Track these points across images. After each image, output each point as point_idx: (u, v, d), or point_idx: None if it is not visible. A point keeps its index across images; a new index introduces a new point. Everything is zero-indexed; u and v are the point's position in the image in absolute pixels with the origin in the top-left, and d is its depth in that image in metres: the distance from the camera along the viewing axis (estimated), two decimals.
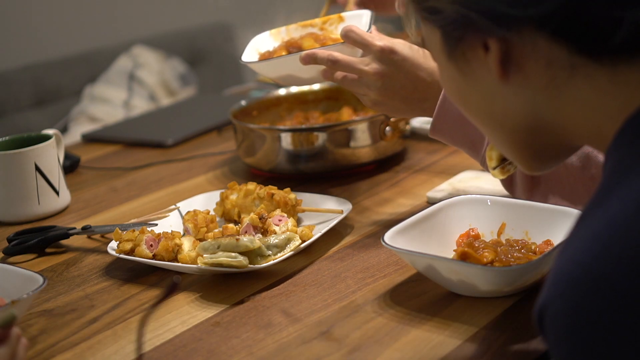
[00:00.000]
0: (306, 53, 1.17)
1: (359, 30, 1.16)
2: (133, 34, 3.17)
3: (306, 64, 1.17)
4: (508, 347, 0.89)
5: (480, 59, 0.72)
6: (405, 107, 1.17)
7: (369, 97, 1.17)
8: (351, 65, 1.15)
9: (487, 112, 0.76)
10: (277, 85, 1.51)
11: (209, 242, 1.10)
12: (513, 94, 0.72)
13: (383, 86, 1.14)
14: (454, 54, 0.75)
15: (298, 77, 1.22)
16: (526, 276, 0.96)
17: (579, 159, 1.11)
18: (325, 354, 0.91)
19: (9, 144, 1.41)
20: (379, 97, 1.15)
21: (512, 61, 0.70)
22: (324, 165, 1.42)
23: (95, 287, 1.13)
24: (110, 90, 2.89)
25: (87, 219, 1.37)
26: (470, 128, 1.15)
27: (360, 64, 1.15)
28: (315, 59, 1.16)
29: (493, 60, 0.71)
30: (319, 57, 1.16)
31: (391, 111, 1.18)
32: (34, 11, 3.03)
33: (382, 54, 1.14)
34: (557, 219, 1.05)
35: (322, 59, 1.16)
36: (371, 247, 1.16)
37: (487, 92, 0.74)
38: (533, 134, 0.75)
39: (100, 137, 1.87)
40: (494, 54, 0.70)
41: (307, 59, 1.17)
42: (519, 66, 0.70)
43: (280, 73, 1.23)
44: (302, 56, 1.17)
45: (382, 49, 1.13)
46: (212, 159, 1.63)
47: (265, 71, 1.26)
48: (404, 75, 1.14)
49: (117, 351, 0.96)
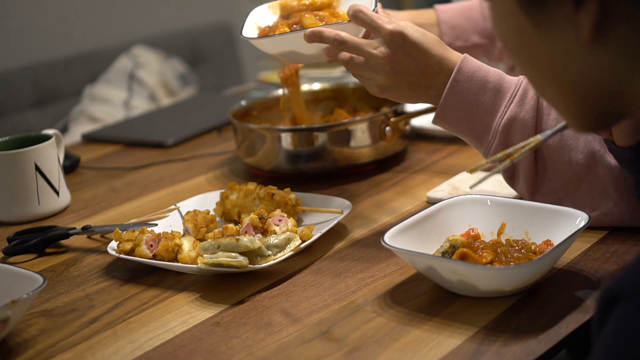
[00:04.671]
0: (311, 31, 1.14)
1: (368, 11, 1.14)
2: (133, 34, 3.17)
3: (311, 42, 1.15)
4: (508, 347, 0.89)
5: (566, 16, 0.66)
6: (411, 93, 1.15)
7: (375, 82, 1.14)
8: (359, 47, 1.13)
9: (556, 71, 0.71)
10: (282, 85, 1.49)
11: (209, 242, 1.10)
12: (595, 58, 0.67)
13: (391, 70, 1.12)
14: (532, 5, 0.68)
15: (300, 54, 1.19)
16: (526, 276, 0.96)
17: (584, 158, 1.10)
18: (325, 354, 0.91)
19: (9, 144, 1.41)
20: (386, 81, 1.13)
21: (605, 25, 0.65)
22: (324, 165, 1.42)
23: (95, 287, 1.13)
24: (110, 90, 2.89)
25: (87, 219, 1.37)
26: (476, 120, 1.14)
27: (369, 47, 1.12)
28: (321, 37, 1.14)
29: (586, 20, 0.65)
30: (325, 36, 1.14)
31: (396, 97, 1.16)
32: (34, 11, 3.03)
33: (392, 37, 1.11)
34: (557, 219, 1.05)
35: (329, 39, 1.14)
36: (371, 247, 1.16)
37: (563, 51, 0.68)
38: (602, 100, 0.70)
39: (100, 137, 1.87)
40: (590, 14, 0.64)
41: (313, 37, 1.14)
42: (611, 30, 0.65)
43: (282, 49, 1.20)
44: (307, 34, 1.14)
45: (392, 33, 1.11)
46: (212, 159, 1.63)
47: (267, 47, 1.22)
48: (412, 61, 1.12)
49: (117, 351, 0.96)
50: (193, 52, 3.24)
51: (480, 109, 1.13)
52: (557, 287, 1.01)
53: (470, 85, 1.13)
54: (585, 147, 1.10)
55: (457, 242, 1.04)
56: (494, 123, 1.13)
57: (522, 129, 1.11)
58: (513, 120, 1.12)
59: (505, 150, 1.07)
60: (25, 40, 3.00)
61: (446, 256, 1.02)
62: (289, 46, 1.18)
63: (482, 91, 1.13)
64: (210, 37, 3.31)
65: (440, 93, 1.14)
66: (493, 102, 1.13)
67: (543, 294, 0.99)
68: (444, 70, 1.13)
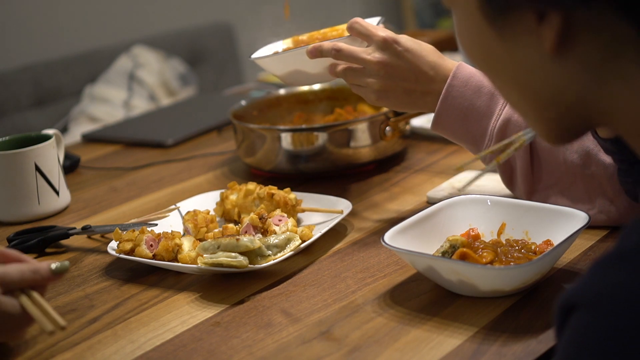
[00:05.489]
0: (313, 46, 1.19)
1: (363, 22, 1.19)
2: (133, 34, 3.17)
3: (313, 57, 1.19)
4: (508, 347, 0.89)
5: (529, 28, 0.65)
6: (408, 100, 1.17)
7: (371, 88, 1.17)
8: (354, 54, 1.17)
9: (521, 82, 0.70)
10: (282, 84, 1.51)
11: (209, 242, 1.10)
12: (559, 69, 0.66)
13: (385, 75, 1.15)
14: (495, 16, 0.67)
15: (305, 73, 1.24)
16: (526, 276, 0.96)
17: (579, 157, 1.12)
18: (325, 354, 0.91)
19: (9, 144, 1.41)
20: (381, 87, 1.16)
21: (569, 36, 0.64)
22: (324, 165, 1.42)
23: (95, 287, 1.13)
24: (110, 90, 2.89)
25: (87, 219, 1.37)
26: (473, 124, 1.16)
27: (363, 53, 1.17)
28: (321, 51, 1.19)
29: (549, 32, 0.64)
30: (324, 48, 1.18)
31: (394, 104, 1.19)
32: (33, 11, 3.03)
33: (385, 43, 1.15)
34: (557, 219, 1.05)
35: (327, 50, 1.18)
36: (371, 247, 1.16)
37: (527, 63, 0.68)
38: (567, 111, 0.69)
39: (100, 137, 1.87)
40: (553, 26, 0.64)
41: (314, 52, 1.19)
42: (575, 42, 0.64)
43: (288, 69, 1.24)
44: (308, 49, 1.19)
45: (384, 39, 1.15)
46: (212, 159, 1.63)
47: (273, 68, 1.27)
48: (406, 66, 1.15)
49: (117, 351, 0.96)
50: (193, 52, 3.24)
51: (476, 113, 1.15)
52: (557, 287, 1.01)
53: (466, 90, 1.14)
54: (580, 146, 1.12)
55: (457, 242, 1.04)
56: (490, 126, 1.15)
57: (517, 130, 1.13)
58: (508, 122, 1.13)
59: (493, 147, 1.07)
60: (25, 40, 3.00)
61: (446, 256, 1.02)
62: (294, 64, 1.23)
63: (477, 95, 1.14)
64: (210, 37, 3.31)
65: (436, 99, 1.16)
66: (488, 105, 1.15)
67: (543, 294, 0.99)
68: (439, 77, 1.15)
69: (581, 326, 0.58)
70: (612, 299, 0.58)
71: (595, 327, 0.57)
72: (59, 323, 0.85)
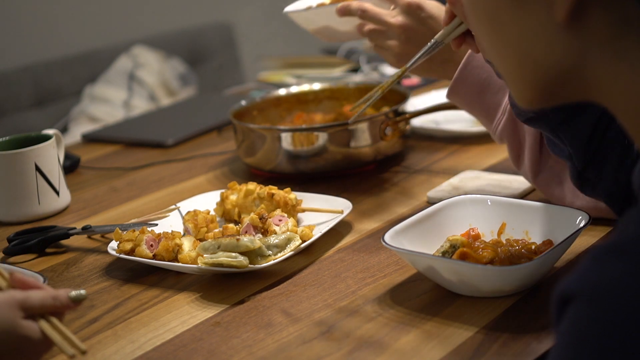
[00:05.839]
0: (342, 4, 1.25)
1: None
2: (133, 34, 3.17)
3: (342, 16, 1.25)
4: (508, 347, 0.89)
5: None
6: (428, 66, 1.20)
7: (392, 51, 1.21)
8: (377, 16, 1.21)
9: (521, 48, 0.69)
10: (282, 85, 1.53)
11: (209, 242, 1.10)
12: (565, 40, 0.65)
13: (406, 39, 1.19)
14: None
15: (335, 30, 1.30)
16: (526, 276, 0.96)
17: None
18: (325, 354, 0.91)
19: (9, 144, 1.41)
20: (401, 50, 1.20)
21: (581, 9, 0.63)
22: (324, 165, 1.42)
23: (95, 287, 1.13)
24: (110, 90, 2.88)
25: (87, 219, 1.37)
26: (489, 96, 1.17)
27: (387, 16, 1.21)
28: (349, 10, 1.24)
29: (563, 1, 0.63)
30: (352, 7, 1.23)
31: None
32: (34, 11, 3.03)
33: (409, 7, 1.19)
34: (557, 219, 1.05)
35: (354, 10, 1.23)
36: (371, 247, 1.16)
37: (533, 29, 0.67)
38: (558, 81, 0.69)
39: (100, 137, 1.87)
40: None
41: (343, 10, 1.25)
42: (587, 15, 0.63)
43: (320, 24, 1.32)
44: (338, 7, 1.25)
45: (409, 3, 1.19)
46: (212, 159, 1.63)
47: (305, 22, 1.34)
48: (428, 32, 1.17)
49: (117, 351, 0.96)
50: (193, 52, 3.24)
51: (494, 85, 1.16)
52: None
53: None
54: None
55: (457, 242, 1.04)
56: (505, 100, 1.16)
57: None
58: None
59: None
60: (25, 40, 3.00)
61: (446, 256, 1.02)
62: (326, 20, 1.30)
63: None
64: (210, 37, 3.31)
65: (455, 68, 1.18)
66: None
67: (543, 294, 0.99)
68: None
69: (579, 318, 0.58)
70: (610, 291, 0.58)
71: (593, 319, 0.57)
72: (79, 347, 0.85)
